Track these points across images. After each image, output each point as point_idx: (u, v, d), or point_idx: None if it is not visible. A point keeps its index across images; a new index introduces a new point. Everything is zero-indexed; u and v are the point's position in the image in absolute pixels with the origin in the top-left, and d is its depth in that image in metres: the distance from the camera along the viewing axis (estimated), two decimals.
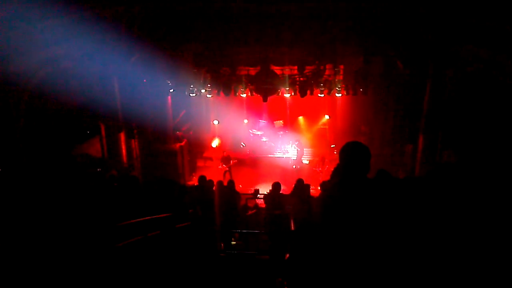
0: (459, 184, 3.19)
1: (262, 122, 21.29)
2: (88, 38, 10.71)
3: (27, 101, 10.24)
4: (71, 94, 11.94)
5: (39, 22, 8.80)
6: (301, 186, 9.61)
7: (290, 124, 21.16)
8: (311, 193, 10.34)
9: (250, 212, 10.74)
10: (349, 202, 2.82)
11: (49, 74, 10.50)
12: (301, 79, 15.29)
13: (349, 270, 2.71)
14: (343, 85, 15.37)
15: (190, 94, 16.21)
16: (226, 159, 17.07)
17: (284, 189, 10.46)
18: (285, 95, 16.23)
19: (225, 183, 10.60)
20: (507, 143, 9.02)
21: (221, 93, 15.93)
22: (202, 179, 10.28)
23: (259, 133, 20.61)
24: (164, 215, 6.49)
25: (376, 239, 2.73)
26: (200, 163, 19.44)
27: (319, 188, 11.16)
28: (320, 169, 16.69)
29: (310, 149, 19.57)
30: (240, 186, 15.29)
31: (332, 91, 15.46)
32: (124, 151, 14.43)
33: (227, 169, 16.95)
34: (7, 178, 8.60)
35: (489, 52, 9.30)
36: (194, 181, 16.45)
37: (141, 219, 5.84)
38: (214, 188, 9.91)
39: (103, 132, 13.85)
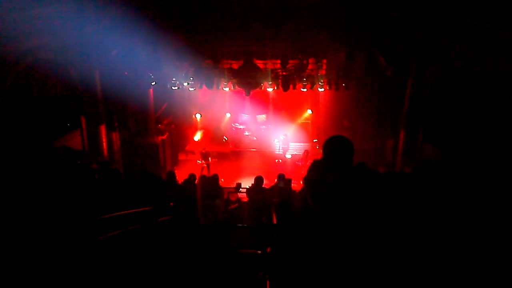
0: (446, 179, 3.20)
1: (245, 116, 21.25)
2: (69, 29, 10.54)
3: (7, 91, 10.01)
4: (52, 86, 11.75)
5: (21, 12, 8.62)
6: (283, 181, 9.64)
7: (273, 118, 21.17)
8: (292, 187, 10.38)
9: (232, 206, 10.74)
10: (342, 195, 2.81)
11: (30, 65, 10.29)
12: (284, 73, 15.29)
13: (333, 264, 2.71)
14: (326, 80, 15.43)
15: (173, 87, 16.07)
16: (204, 155, 17.03)
17: (267, 183, 10.47)
18: (268, 89, 16.24)
19: None
20: (487, 138, 9.18)
21: (204, 87, 15.86)
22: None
23: (241, 127, 20.59)
24: (146, 208, 6.44)
25: (363, 233, 2.73)
26: (182, 157, 19.33)
27: (301, 182, 11.21)
28: (302, 163, 16.78)
29: (297, 144, 19.51)
30: (222, 180, 15.25)
31: (314, 86, 15.51)
32: (105, 144, 14.26)
33: (205, 165, 16.91)
34: None
35: (472, 50, 9.42)
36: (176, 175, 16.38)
37: (122, 212, 5.79)
38: (196, 182, 9.88)
39: (83, 125, 13.66)
